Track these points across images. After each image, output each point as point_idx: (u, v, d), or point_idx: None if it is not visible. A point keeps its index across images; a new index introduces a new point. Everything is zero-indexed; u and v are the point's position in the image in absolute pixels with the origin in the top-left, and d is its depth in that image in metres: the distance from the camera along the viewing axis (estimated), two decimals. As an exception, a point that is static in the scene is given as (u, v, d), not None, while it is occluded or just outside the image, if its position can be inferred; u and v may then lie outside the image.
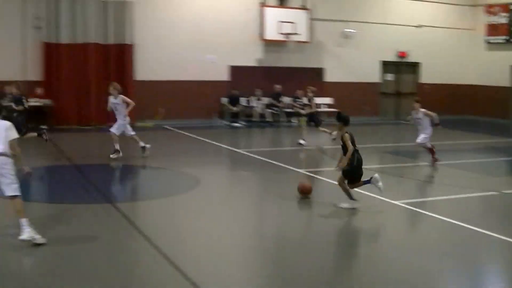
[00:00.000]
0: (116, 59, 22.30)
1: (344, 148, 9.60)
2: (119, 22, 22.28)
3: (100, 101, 21.85)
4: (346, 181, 9.80)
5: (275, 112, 24.54)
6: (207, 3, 23.69)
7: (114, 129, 14.87)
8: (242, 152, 16.64)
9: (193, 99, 23.20)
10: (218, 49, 23.77)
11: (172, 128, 21.71)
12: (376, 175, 9.90)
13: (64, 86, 21.71)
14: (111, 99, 14.94)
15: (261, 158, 15.40)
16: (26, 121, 16.67)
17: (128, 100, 15.04)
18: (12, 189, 7.54)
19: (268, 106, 24.52)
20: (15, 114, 15.81)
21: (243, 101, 24.06)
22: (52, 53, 21.55)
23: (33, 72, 21.55)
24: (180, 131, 20.99)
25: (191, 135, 20.02)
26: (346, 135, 9.61)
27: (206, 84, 23.34)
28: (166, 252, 7.51)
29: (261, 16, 24.36)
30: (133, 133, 15.23)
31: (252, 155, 16.04)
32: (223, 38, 23.74)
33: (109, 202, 10.30)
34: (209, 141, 18.55)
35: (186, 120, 22.71)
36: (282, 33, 24.35)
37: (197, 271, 6.91)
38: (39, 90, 21.27)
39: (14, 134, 7.66)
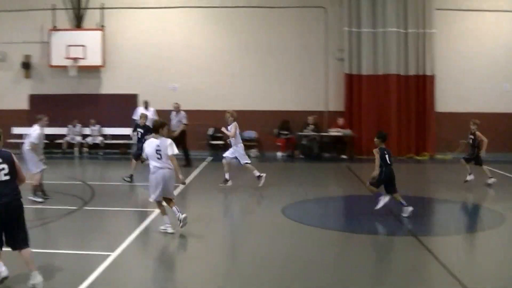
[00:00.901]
0: (417, 90, 22.28)
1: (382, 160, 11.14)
2: (420, 53, 22.29)
3: (401, 132, 21.95)
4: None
5: None
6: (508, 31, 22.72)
7: (227, 154, 14.85)
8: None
9: (495, 131, 22.08)
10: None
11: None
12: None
13: (364, 116, 22.19)
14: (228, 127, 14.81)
15: None
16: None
17: (235, 130, 14.68)
18: (172, 194, 10.06)
19: None
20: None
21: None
22: (354, 84, 22.24)
23: (335, 102, 22.40)
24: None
25: (494, 169, 18.95)
26: (376, 150, 11.25)
27: (510, 116, 22.21)
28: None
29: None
30: (248, 161, 14.86)
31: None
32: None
33: (411, 235, 10.07)
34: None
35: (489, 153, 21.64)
36: None
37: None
38: (340, 121, 21.98)
39: (173, 150, 9.62)
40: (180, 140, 18.12)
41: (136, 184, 15.44)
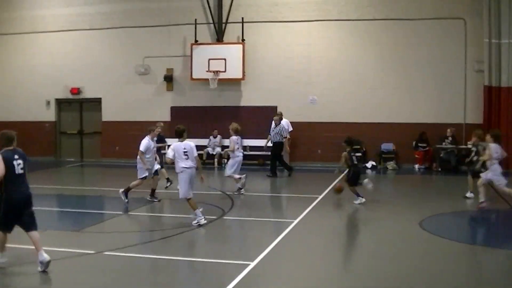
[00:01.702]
0: (559, 102, 22.27)
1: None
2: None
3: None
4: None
5: None
6: None
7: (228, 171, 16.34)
8: None
9: None
10: None
11: None
12: (366, 179, 14.61)
13: (503, 129, 22.18)
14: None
15: None
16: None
17: (232, 144, 16.07)
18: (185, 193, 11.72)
19: None
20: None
21: None
22: (493, 96, 22.42)
23: (473, 115, 22.72)
24: None
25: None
26: (345, 153, 14.48)
27: None
28: None
29: None
30: (232, 174, 16.27)
31: None
32: None
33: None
34: None
35: None
36: None
37: None
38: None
39: (196, 152, 11.71)
40: (277, 151, 19.93)
41: (278, 194, 16.41)
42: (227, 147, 21.94)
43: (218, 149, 23.55)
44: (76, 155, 25.64)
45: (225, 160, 21.44)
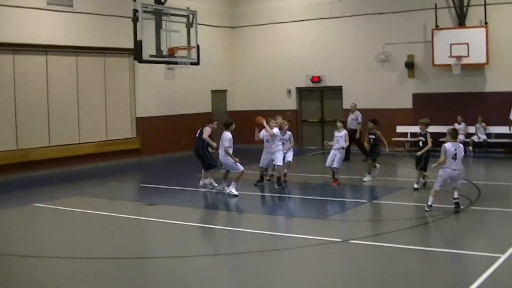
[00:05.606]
0: None
1: None
2: None
3: None
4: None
5: None
6: None
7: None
8: None
9: None
10: None
11: None
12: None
13: None
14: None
15: None
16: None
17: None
18: (235, 168, 16.70)
19: None
20: None
21: None
22: None
23: None
24: None
25: None
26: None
27: None
28: None
29: None
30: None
31: None
32: None
33: None
34: None
35: None
36: None
37: None
38: None
39: (226, 143, 16.49)
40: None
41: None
42: (473, 134, 25.07)
43: (462, 137, 26.33)
44: (317, 143, 29.77)
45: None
